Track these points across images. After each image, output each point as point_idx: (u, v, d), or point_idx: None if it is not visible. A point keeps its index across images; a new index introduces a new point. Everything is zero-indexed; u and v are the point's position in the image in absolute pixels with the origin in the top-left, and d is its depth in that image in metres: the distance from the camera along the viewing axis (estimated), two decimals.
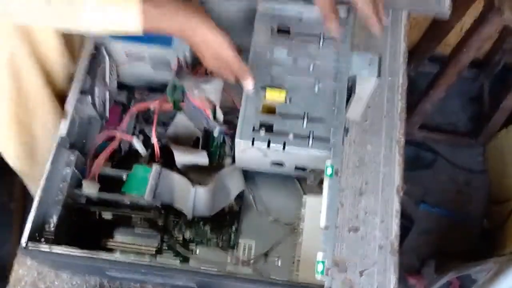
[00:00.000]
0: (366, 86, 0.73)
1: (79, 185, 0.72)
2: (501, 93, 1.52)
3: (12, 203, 1.50)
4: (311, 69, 0.73)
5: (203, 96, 0.73)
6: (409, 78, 0.92)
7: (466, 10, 1.38)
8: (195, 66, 0.77)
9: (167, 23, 0.61)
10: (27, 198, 1.48)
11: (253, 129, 0.69)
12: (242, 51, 0.69)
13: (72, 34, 0.76)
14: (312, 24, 0.75)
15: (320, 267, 0.61)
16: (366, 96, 0.75)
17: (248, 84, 0.68)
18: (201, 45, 0.65)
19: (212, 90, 0.73)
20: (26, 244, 0.64)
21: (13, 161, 0.86)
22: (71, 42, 0.78)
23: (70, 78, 0.74)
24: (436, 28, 1.52)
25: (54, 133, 0.71)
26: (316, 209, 0.67)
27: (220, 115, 0.76)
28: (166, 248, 0.76)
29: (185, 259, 0.75)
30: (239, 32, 0.80)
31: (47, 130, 0.81)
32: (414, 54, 1.62)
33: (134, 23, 0.59)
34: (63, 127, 0.70)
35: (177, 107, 0.76)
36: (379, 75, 0.72)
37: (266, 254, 0.76)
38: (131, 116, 0.78)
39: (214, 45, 0.65)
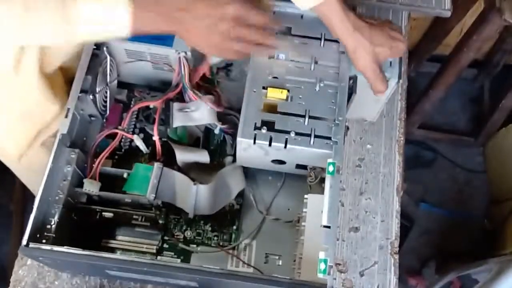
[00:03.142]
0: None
1: (80, 184, 0.71)
2: (500, 93, 1.53)
3: (11, 204, 1.50)
4: (312, 68, 0.73)
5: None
6: (409, 78, 0.92)
7: (466, 11, 1.38)
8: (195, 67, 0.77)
9: (154, 27, 0.60)
10: (26, 199, 1.48)
11: (255, 127, 0.69)
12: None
13: None
14: (313, 23, 0.75)
15: (322, 266, 0.61)
16: (385, 97, 0.74)
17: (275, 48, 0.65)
18: (192, 30, 0.60)
19: (204, 114, 0.73)
20: (27, 244, 0.63)
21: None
22: None
23: (71, 77, 0.74)
24: (436, 29, 1.53)
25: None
26: (317, 208, 0.67)
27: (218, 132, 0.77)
28: (167, 247, 0.76)
29: (186, 258, 0.75)
30: None
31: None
32: (414, 54, 1.62)
33: (123, 29, 0.58)
34: (64, 125, 0.70)
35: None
36: (400, 77, 0.72)
37: (267, 253, 0.76)
38: (131, 114, 0.79)
39: (212, 11, 0.59)
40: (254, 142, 0.68)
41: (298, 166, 0.74)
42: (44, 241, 0.65)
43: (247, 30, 0.61)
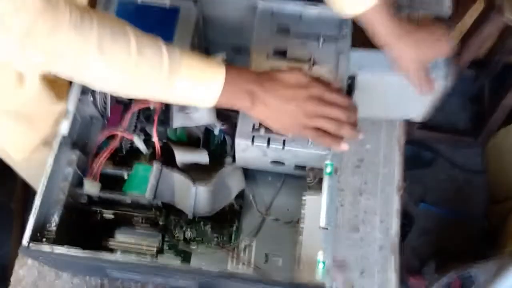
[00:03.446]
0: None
1: (80, 184, 0.72)
2: (500, 93, 1.52)
3: (12, 203, 1.50)
4: (310, 68, 0.73)
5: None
6: None
7: (466, 10, 1.38)
8: None
9: (239, 104, 0.62)
10: (27, 198, 1.48)
11: (253, 128, 0.69)
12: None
13: None
14: (311, 23, 0.76)
15: (321, 267, 0.61)
16: (432, 97, 0.74)
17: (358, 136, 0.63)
18: (276, 110, 0.61)
19: (203, 115, 0.73)
20: (28, 244, 0.64)
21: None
22: None
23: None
24: None
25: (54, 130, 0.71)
26: (316, 208, 0.67)
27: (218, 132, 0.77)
28: (167, 247, 0.76)
29: (186, 259, 0.76)
30: (239, 32, 0.80)
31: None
32: None
33: (209, 101, 0.60)
34: (65, 127, 0.70)
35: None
36: (446, 77, 0.71)
37: (267, 253, 0.76)
38: (132, 115, 0.79)
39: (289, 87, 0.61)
40: (252, 143, 0.68)
41: (297, 167, 0.74)
42: (44, 241, 0.65)
43: (330, 108, 0.61)
